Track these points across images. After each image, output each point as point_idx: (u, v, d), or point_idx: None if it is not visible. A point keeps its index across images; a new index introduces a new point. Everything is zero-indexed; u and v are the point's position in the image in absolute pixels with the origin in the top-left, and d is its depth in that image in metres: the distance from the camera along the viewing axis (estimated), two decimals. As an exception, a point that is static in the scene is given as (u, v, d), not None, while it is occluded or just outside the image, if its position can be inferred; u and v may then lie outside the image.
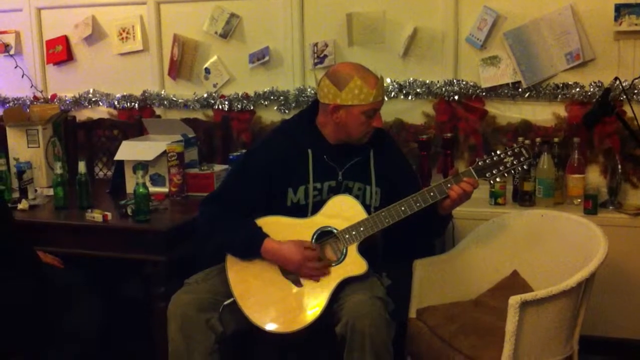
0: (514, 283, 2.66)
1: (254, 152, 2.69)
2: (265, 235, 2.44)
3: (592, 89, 3.22)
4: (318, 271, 2.42)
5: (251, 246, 2.45)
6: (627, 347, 3.04)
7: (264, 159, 2.56)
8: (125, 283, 3.46)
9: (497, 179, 2.53)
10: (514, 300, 2.24)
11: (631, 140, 3.01)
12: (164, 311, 2.48)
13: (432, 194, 2.45)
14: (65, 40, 4.10)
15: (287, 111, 3.71)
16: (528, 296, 2.26)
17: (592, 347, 2.73)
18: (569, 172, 3.23)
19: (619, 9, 3.14)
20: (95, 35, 4.04)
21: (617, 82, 3.00)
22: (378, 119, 2.50)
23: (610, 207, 3.16)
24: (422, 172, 3.40)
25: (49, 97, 4.17)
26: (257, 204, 2.52)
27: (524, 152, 2.49)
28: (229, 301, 2.44)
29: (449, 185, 2.45)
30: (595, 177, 3.29)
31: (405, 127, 3.52)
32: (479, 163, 2.49)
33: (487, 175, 2.49)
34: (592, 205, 3.08)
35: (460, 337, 2.43)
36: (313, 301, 2.39)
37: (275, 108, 3.74)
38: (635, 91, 3.16)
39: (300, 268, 2.41)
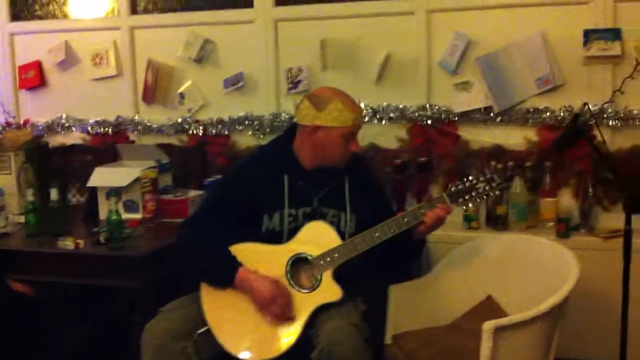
0: (489, 307, 2.67)
1: (231, 176, 2.70)
2: (239, 265, 2.43)
3: (562, 114, 3.27)
4: (282, 314, 2.38)
5: (225, 275, 2.43)
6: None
7: (239, 184, 2.56)
8: (102, 310, 3.41)
9: (470, 205, 2.55)
10: (488, 326, 2.24)
11: (602, 163, 3.05)
12: (138, 338, 2.44)
13: (406, 219, 2.46)
14: (38, 65, 4.08)
15: (262, 136, 3.71)
16: (501, 321, 2.27)
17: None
18: (541, 196, 3.26)
19: (587, 34, 3.19)
20: (68, 61, 4.03)
21: (586, 107, 3.05)
22: (355, 144, 2.52)
23: (583, 230, 3.19)
24: (397, 196, 3.42)
25: (22, 122, 4.14)
26: (232, 230, 2.51)
27: (496, 178, 2.52)
28: (202, 330, 2.41)
29: (422, 211, 2.47)
30: (567, 200, 3.32)
31: (380, 151, 3.53)
32: (452, 189, 2.52)
33: (459, 200, 2.51)
34: (564, 229, 3.11)
35: (436, 362, 2.43)
36: (288, 329, 2.38)
37: (250, 133, 3.74)
38: (605, 115, 3.21)
39: (266, 305, 2.38)
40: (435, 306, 2.76)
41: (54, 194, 3.06)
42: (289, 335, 2.37)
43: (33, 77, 4.09)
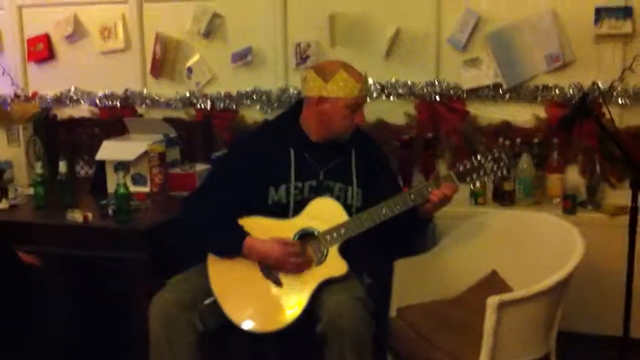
0: (493, 282, 2.68)
1: (237, 149, 2.72)
2: (246, 234, 2.46)
3: (571, 91, 3.25)
4: (299, 267, 2.44)
5: (232, 245, 2.46)
6: (604, 343, 3.06)
7: (246, 156, 2.58)
8: (108, 282, 3.44)
9: (478, 183, 2.55)
10: (492, 301, 2.26)
11: (609, 140, 3.04)
12: (145, 310, 2.47)
13: (412, 197, 2.47)
14: (46, 38, 4.07)
15: (269, 110, 3.71)
16: (505, 297, 2.30)
17: (569, 343, 2.75)
18: (548, 172, 3.26)
19: (599, 12, 3.17)
20: (77, 34, 4.02)
21: (595, 86, 3.05)
22: (361, 115, 2.53)
23: (589, 207, 3.19)
24: (404, 172, 3.42)
25: (30, 95, 4.14)
26: (239, 202, 2.53)
27: (503, 157, 2.51)
28: (209, 301, 2.44)
29: (429, 189, 2.47)
30: (574, 176, 3.33)
31: (387, 126, 3.53)
32: (460, 168, 2.51)
33: (467, 179, 2.51)
34: (570, 205, 3.11)
35: (440, 334, 2.46)
36: (293, 301, 2.40)
37: (258, 107, 3.74)
38: (614, 93, 3.19)
39: (280, 263, 2.43)
40: (441, 280, 2.78)
41: (62, 166, 3.08)
42: (294, 307, 2.39)
43: (42, 50, 4.09)
